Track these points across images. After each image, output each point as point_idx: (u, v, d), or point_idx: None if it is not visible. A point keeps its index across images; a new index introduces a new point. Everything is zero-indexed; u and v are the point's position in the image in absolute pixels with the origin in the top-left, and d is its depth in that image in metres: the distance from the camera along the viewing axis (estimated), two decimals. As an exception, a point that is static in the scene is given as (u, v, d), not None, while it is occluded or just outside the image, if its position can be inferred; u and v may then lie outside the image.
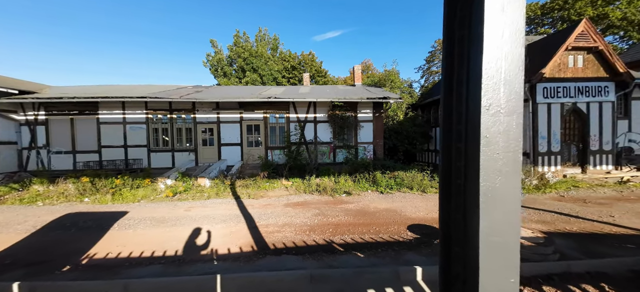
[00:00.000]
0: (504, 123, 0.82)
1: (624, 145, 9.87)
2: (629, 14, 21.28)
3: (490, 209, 0.82)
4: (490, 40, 0.80)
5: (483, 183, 0.82)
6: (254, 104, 10.78)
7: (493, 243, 0.82)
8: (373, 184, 8.91)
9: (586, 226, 5.31)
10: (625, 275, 2.81)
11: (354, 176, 9.48)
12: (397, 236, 4.83)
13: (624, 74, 9.00)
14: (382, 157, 11.59)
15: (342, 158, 11.34)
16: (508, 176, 0.82)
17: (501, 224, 0.82)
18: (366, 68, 38.57)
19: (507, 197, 0.82)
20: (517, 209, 0.82)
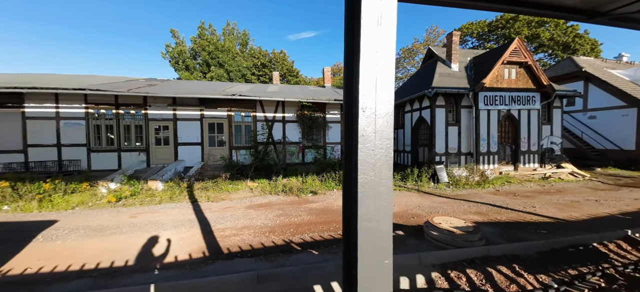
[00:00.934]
0: (377, 124, 0.93)
1: (547, 146, 11.71)
2: (555, 35, 25.32)
3: (365, 198, 0.92)
4: (366, 49, 0.91)
5: (361, 176, 0.92)
6: (217, 101, 10.26)
7: (368, 228, 0.92)
8: (339, 182, 9.15)
9: (513, 215, 6.17)
10: (533, 256, 3.34)
11: (322, 175, 9.63)
12: None
13: (547, 86, 10.69)
14: (347, 157, 11.95)
15: (311, 158, 11.43)
16: (381, 169, 0.93)
17: (375, 212, 0.92)
18: (339, 70, 39.44)
19: (380, 188, 0.93)
20: (388, 198, 0.94)
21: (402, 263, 3.06)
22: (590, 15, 4.01)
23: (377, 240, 0.92)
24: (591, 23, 4.34)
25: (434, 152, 10.70)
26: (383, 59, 0.91)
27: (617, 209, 6.57)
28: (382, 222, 0.92)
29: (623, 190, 8.80)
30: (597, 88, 15.38)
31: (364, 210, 0.91)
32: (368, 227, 0.91)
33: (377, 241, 0.92)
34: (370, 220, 0.91)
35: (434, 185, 9.67)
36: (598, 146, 15.08)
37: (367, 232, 0.91)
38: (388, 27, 0.91)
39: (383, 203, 0.93)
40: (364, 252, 0.91)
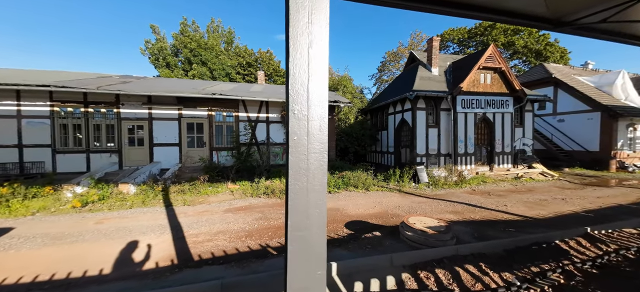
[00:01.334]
0: (310, 127, 0.87)
1: (519, 147, 12.33)
2: (528, 43, 26.83)
3: (297, 206, 0.86)
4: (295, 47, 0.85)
5: (291, 182, 0.86)
6: (197, 100, 9.90)
7: (299, 238, 0.86)
8: (328, 184, 9.10)
9: (486, 214, 6.41)
10: (500, 254, 3.45)
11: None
12: (333, 233, 4.99)
13: (519, 91, 11.26)
14: (334, 158, 11.96)
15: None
16: (315, 175, 0.87)
17: (307, 220, 0.86)
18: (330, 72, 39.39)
19: (313, 194, 0.87)
20: (322, 205, 0.88)
21: (374, 265, 3.05)
22: (557, 24, 4.20)
23: (309, 250, 0.86)
24: (558, 32, 4.55)
25: (415, 154, 10.95)
26: (315, 59, 0.86)
27: (581, 207, 7.01)
28: (315, 231, 0.87)
29: (587, 189, 9.42)
30: (566, 93, 16.46)
31: (294, 219, 0.85)
32: (299, 237, 0.85)
33: (309, 251, 0.86)
34: (301, 229, 0.86)
35: (414, 185, 9.88)
36: (566, 148, 16.12)
37: (298, 242, 0.85)
38: (320, 23, 0.86)
39: (316, 211, 0.87)
40: (294, 264, 0.85)
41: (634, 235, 4.26)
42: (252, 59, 21.49)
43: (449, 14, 3.17)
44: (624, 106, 14.97)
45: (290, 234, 0.85)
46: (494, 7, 3.29)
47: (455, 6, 3.06)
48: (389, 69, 33.53)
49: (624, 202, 7.48)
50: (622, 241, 3.99)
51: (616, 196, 8.34)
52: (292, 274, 0.84)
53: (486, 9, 3.24)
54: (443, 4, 2.93)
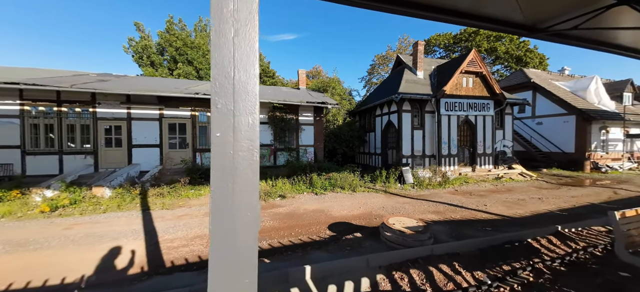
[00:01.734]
0: (236, 123, 0.81)
1: (500, 149, 12.74)
2: (510, 49, 27.93)
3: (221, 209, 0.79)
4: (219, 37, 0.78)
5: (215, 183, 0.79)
6: (179, 99, 9.60)
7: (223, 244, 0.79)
8: (310, 185, 9.02)
9: (466, 214, 6.53)
10: (474, 253, 3.50)
11: (292, 178, 9.44)
12: (315, 235, 4.92)
13: (499, 94, 11.65)
14: (322, 159, 11.92)
15: (283, 161, 11.17)
16: (243, 175, 0.81)
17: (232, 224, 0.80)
18: (317, 73, 39.54)
19: (240, 197, 0.81)
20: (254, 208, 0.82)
21: (350, 267, 3.01)
22: (532, 30, 4.36)
23: (235, 256, 0.80)
24: (533, 38, 4.71)
25: (401, 155, 11.08)
26: (242, 49, 0.80)
27: (556, 206, 7.28)
28: (243, 236, 0.80)
29: (562, 188, 9.83)
30: (543, 97, 17.22)
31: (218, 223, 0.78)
32: (223, 243, 0.79)
33: (236, 258, 0.80)
34: (226, 234, 0.79)
35: (400, 186, 9.98)
36: (544, 149, 16.83)
37: (222, 249, 0.78)
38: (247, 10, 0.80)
39: (247, 214, 0.81)
40: (217, 272, 0.78)
41: (602, 233, 4.45)
42: (241, 60, 21.15)
43: (432, 19, 3.23)
44: (597, 110, 15.82)
45: (213, 240, 0.78)
46: (475, 14, 3.41)
47: (439, 11, 3.13)
48: (378, 72, 34.01)
49: (596, 201, 7.84)
50: (591, 239, 4.15)
51: (589, 195, 8.74)
52: (213, 283, 0.77)
53: (467, 15, 3.35)
54: (427, 9, 3.00)
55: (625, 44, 4.93)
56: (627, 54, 5.20)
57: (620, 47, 4.99)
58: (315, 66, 41.81)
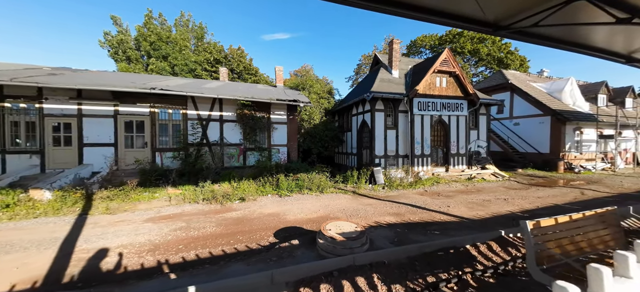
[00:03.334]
0: None
1: (474, 149, 12.69)
2: (492, 51, 28.30)
3: None
4: None
5: None
6: (136, 95, 9.01)
7: None
8: (276, 187, 8.62)
9: (425, 215, 6.29)
10: (401, 262, 3.19)
11: (259, 179, 9.02)
12: (253, 243, 4.52)
13: (473, 94, 11.56)
14: (296, 159, 11.53)
15: (254, 161, 10.70)
16: None
17: None
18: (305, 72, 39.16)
19: None
20: None
21: (250, 285, 2.64)
22: (495, 28, 4.23)
23: None
24: (496, 35, 4.52)
25: (374, 155, 10.83)
26: None
27: (519, 207, 7.14)
28: None
29: (531, 189, 9.79)
30: (521, 98, 17.39)
31: None
32: None
33: None
34: None
35: (370, 187, 9.72)
36: (521, 150, 16.99)
37: None
38: None
39: None
40: None
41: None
42: (222, 56, 20.50)
43: (397, 15, 3.21)
44: (571, 111, 16.07)
45: None
46: (440, 10, 3.28)
47: (405, 7, 3.05)
48: (364, 72, 33.89)
49: (560, 202, 7.76)
50: (536, 243, 3.93)
51: (556, 196, 8.70)
52: None
53: (433, 11, 3.23)
54: (394, 5, 2.91)
55: (590, 43, 4.79)
56: (593, 53, 5.06)
57: (586, 47, 4.85)
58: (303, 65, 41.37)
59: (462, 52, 29.39)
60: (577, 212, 2.86)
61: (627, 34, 4.37)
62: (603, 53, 5.14)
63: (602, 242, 2.68)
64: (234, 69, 20.82)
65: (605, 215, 2.79)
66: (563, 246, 2.46)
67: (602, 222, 2.77)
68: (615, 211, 2.84)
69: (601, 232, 2.71)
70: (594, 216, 2.75)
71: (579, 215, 2.70)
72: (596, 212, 2.78)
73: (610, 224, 2.78)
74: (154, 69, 17.78)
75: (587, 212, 2.75)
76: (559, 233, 2.46)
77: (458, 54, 30.21)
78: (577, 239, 2.57)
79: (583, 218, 2.69)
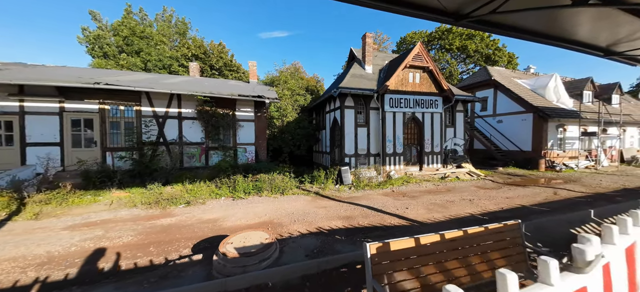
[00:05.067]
0: None
1: (451, 147, 12.28)
2: (479, 47, 27.93)
3: None
4: None
5: None
6: (84, 91, 8.44)
7: None
8: (234, 190, 8.12)
9: (376, 219, 5.84)
10: (291, 283, 2.73)
11: (215, 180, 8.52)
12: (160, 257, 3.95)
13: (447, 91, 11.12)
14: (265, 159, 11.03)
15: (218, 161, 10.16)
16: None
17: None
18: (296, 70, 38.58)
19: None
20: None
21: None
22: (457, 18, 3.90)
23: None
24: (458, 25, 4.15)
25: (344, 154, 10.37)
26: None
27: (482, 209, 6.73)
28: None
29: (503, 188, 9.40)
30: (504, 95, 17.01)
31: None
32: None
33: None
34: None
35: (336, 187, 9.27)
36: (503, 147, 16.64)
37: None
38: None
39: None
40: None
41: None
42: (200, 52, 19.85)
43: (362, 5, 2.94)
44: (553, 108, 15.72)
45: None
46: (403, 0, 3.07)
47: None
48: (354, 69, 33.41)
49: (529, 203, 7.37)
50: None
51: (527, 196, 8.31)
52: None
53: (396, 1, 3.04)
54: None
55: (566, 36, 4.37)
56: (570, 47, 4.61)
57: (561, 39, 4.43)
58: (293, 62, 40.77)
59: (451, 48, 29.00)
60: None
61: (606, 25, 3.98)
62: (580, 46, 4.70)
63: (489, 268, 2.18)
64: (213, 65, 20.18)
65: (505, 230, 2.33)
66: (424, 276, 1.93)
67: (499, 241, 2.31)
68: (518, 225, 2.39)
69: (492, 254, 2.23)
70: (486, 232, 2.28)
71: (476, 229, 2.25)
72: (487, 228, 2.31)
73: (513, 243, 2.32)
74: (124, 65, 17.11)
75: (490, 226, 2.30)
76: (419, 259, 1.98)
77: (447, 51, 29.83)
78: (450, 266, 2.06)
79: (473, 235, 2.22)
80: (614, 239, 1.90)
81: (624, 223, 2.06)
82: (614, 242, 1.90)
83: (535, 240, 3.97)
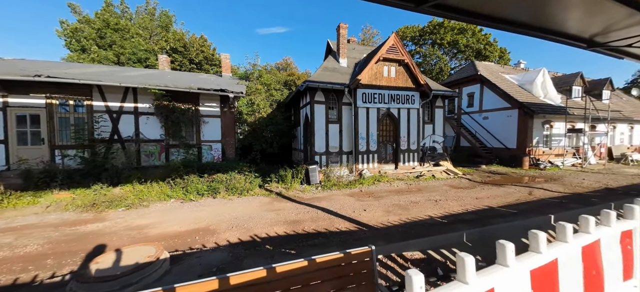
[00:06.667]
0: None
1: (429, 145, 11.82)
2: (470, 42, 27.35)
3: None
4: None
5: None
6: (28, 84, 7.87)
7: None
8: (187, 192, 7.60)
9: (325, 224, 5.37)
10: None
11: (167, 180, 8.03)
12: (46, 272, 3.45)
13: (424, 85, 10.61)
14: (233, 157, 10.52)
15: (179, 159, 9.63)
16: None
17: None
18: (286, 65, 37.86)
19: None
20: None
21: None
22: (417, 3, 3.34)
23: None
24: (419, 12, 3.58)
25: (314, 152, 9.88)
26: None
27: (444, 211, 6.28)
28: None
29: (478, 188, 8.96)
30: (490, 91, 16.51)
31: None
32: None
33: None
34: None
35: (303, 187, 8.80)
36: (489, 145, 16.19)
37: None
38: None
39: None
40: None
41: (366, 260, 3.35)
42: (180, 45, 19.17)
43: None
44: (539, 104, 15.25)
45: None
46: None
47: None
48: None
49: (497, 205, 6.92)
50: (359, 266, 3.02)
51: (499, 196, 7.88)
52: None
53: None
54: None
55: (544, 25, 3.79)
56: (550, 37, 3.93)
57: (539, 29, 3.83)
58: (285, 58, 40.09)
59: (442, 43, 28.39)
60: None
61: (587, 13, 3.44)
62: (561, 36, 4.16)
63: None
64: (192, 58, 19.51)
65: (352, 261, 1.83)
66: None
67: (343, 277, 1.80)
68: (370, 253, 1.91)
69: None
70: (330, 262, 1.78)
71: (323, 258, 1.78)
72: (334, 257, 1.79)
73: (362, 278, 1.83)
74: (95, 58, 16.45)
75: (334, 256, 1.80)
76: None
77: (439, 46, 29.22)
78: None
79: (304, 269, 1.71)
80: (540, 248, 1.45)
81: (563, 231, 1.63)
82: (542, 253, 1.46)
83: (475, 250, 3.52)
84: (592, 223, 1.97)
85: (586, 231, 1.97)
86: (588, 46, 4.44)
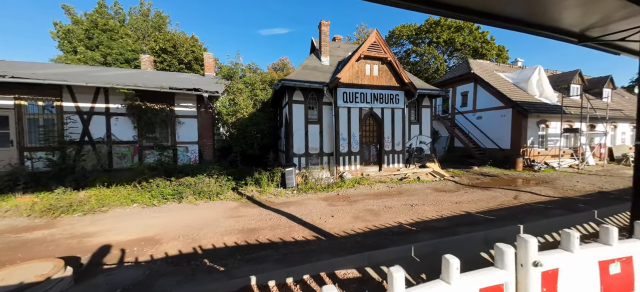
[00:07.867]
0: None
1: (416, 146, 11.40)
2: (467, 40, 26.76)
3: None
4: None
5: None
6: (-4, 86, 7.69)
7: None
8: (153, 197, 7.32)
9: (282, 233, 5.03)
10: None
11: (134, 184, 7.76)
12: None
13: (409, 84, 10.21)
14: (211, 159, 10.25)
15: (153, 161, 9.37)
16: None
17: None
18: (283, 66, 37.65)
19: None
20: None
21: None
22: None
23: None
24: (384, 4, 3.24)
25: (292, 153, 9.56)
26: None
27: (417, 217, 5.91)
28: None
29: (461, 191, 8.55)
30: (484, 90, 16.01)
31: None
32: None
33: None
34: None
35: (277, 190, 8.48)
36: (482, 145, 15.69)
37: None
38: None
39: None
40: None
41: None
42: (169, 45, 19.01)
43: None
44: (533, 102, 14.71)
45: None
46: None
47: None
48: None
49: (476, 210, 6.52)
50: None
51: (482, 200, 7.47)
52: None
53: None
54: None
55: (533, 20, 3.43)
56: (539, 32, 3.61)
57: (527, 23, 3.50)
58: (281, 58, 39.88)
59: (438, 42, 27.84)
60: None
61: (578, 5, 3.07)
62: (551, 31, 3.79)
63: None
64: (181, 59, 19.34)
65: None
66: None
67: None
68: None
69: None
70: None
71: None
72: None
73: None
74: (81, 59, 16.35)
75: None
76: None
77: (436, 45, 28.67)
78: None
79: None
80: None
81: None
82: None
83: (425, 266, 3.16)
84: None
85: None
86: (579, 41, 4.01)
